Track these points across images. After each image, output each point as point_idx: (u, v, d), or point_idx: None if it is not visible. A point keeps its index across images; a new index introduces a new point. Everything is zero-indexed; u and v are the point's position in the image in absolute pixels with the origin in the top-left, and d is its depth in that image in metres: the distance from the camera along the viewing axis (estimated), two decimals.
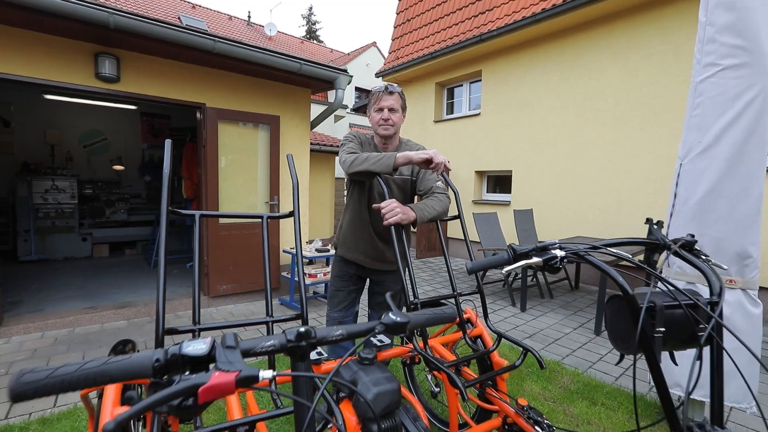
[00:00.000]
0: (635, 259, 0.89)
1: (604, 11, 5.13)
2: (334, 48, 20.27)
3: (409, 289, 1.60)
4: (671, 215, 2.06)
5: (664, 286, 0.87)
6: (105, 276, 5.23)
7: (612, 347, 2.16)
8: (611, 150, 5.22)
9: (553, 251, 0.92)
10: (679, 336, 0.85)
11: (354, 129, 14.79)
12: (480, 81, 7.12)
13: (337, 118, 15.26)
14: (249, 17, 15.58)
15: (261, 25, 15.86)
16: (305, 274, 3.71)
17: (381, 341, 1.11)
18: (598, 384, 2.61)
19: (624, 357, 0.94)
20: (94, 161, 7.29)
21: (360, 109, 11.88)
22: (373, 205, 1.75)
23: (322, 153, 8.70)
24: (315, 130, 8.19)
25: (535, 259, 0.93)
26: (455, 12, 7.46)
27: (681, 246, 1.00)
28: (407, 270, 1.60)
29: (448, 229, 7.56)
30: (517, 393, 2.46)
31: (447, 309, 0.85)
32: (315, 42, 24.61)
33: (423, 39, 8.08)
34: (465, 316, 1.72)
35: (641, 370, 2.65)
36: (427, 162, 1.62)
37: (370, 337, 0.73)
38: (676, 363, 0.90)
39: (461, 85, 7.75)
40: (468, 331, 1.67)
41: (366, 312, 2.60)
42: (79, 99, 5.35)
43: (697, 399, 1.99)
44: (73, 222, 6.37)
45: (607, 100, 5.24)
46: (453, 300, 1.71)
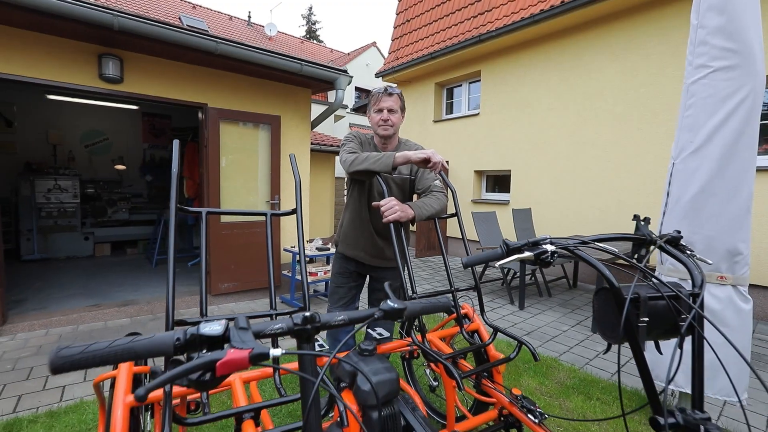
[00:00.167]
0: (621, 253, 0.94)
1: (602, 12, 5.17)
2: (334, 48, 20.30)
3: (408, 285, 1.64)
4: (664, 213, 2.11)
5: (649, 278, 0.92)
6: (107, 275, 5.28)
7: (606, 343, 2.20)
8: (610, 150, 5.26)
9: (544, 246, 0.96)
10: (663, 326, 0.89)
11: (354, 129, 14.84)
12: (479, 81, 7.17)
13: (337, 118, 15.31)
14: (249, 17, 15.63)
15: (261, 25, 15.91)
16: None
17: (380, 334, 1.16)
18: (594, 379, 2.66)
19: (611, 346, 0.99)
20: (95, 161, 7.35)
21: (360, 109, 11.92)
22: (373, 203, 1.80)
23: (322, 153, 8.76)
24: (315, 130, 8.22)
25: (527, 254, 0.96)
26: (455, 12, 7.51)
27: (666, 241, 1.05)
28: (406, 266, 1.65)
29: (447, 229, 7.61)
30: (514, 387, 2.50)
31: (441, 298, 0.90)
32: (315, 42, 24.64)
33: (423, 39, 8.13)
34: (462, 311, 1.76)
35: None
36: (425, 161, 1.67)
37: (369, 330, 0.78)
38: (660, 352, 0.95)
39: (461, 85, 7.79)
40: (465, 326, 1.72)
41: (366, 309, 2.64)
42: (82, 99, 5.40)
43: (686, 392, 2.04)
44: (76, 221, 6.43)
45: (606, 100, 5.29)
46: (450, 295, 1.76)
